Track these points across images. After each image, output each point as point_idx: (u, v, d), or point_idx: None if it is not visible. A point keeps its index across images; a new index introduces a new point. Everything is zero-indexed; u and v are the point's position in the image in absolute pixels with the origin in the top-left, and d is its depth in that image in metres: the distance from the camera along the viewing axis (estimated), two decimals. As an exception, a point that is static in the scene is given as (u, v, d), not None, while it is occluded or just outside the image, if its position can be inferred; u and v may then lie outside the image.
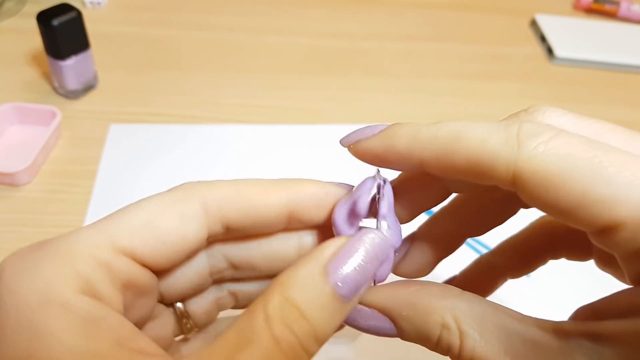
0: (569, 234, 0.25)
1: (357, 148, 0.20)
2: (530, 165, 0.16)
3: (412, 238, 0.24)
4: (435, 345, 0.19)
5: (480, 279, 0.27)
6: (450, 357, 0.18)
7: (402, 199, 0.22)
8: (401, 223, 0.22)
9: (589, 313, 0.19)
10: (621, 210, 0.15)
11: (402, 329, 0.19)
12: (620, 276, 0.24)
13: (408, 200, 0.22)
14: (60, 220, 0.49)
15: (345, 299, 0.17)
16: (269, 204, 0.20)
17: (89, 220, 0.49)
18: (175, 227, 0.19)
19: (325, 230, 0.22)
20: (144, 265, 0.18)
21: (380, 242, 0.19)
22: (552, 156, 0.16)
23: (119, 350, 0.16)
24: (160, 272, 0.20)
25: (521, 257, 0.26)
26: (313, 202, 0.21)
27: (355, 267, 0.18)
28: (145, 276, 0.19)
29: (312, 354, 0.17)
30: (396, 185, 0.22)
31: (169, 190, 0.20)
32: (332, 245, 0.18)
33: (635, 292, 0.17)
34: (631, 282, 0.18)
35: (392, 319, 0.19)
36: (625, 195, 0.15)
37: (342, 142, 0.21)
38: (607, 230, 0.16)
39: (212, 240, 0.21)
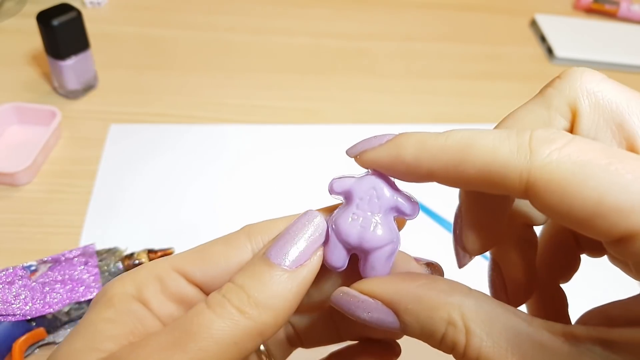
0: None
1: (364, 158, 0.20)
2: (543, 173, 0.16)
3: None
4: (439, 342, 0.18)
5: (542, 296, 0.26)
6: (455, 356, 0.18)
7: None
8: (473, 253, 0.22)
9: (599, 317, 0.19)
10: (637, 218, 0.15)
11: (405, 323, 0.19)
12: (630, 272, 0.22)
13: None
14: (60, 220, 0.49)
15: (280, 266, 0.19)
16: None
17: (88, 220, 0.49)
18: (221, 251, 0.21)
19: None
20: (195, 284, 0.21)
21: (310, 216, 0.20)
22: (567, 163, 0.16)
23: (122, 336, 0.18)
24: None
25: (557, 260, 0.25)
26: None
27: (289, 242, 0.19)
28: (195, 294, 0.21)
29: (256, 319, 0.18)
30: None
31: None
32: (273, 239, 0.20)
33: None
34: None
35: (396, 312, 0.19)
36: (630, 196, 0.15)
37: (349, 152, 0.21)
38: (624, 239, 0.15)
39: None
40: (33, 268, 0.43)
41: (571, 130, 0.20)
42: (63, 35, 0.55)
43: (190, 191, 0.53)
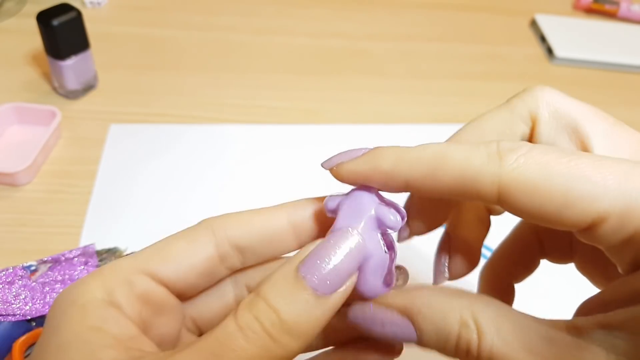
0: (550, 237, 0.26)
1: (342, 170, 0.21)
2: (513, 177, 0.18)
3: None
4: (455, 347, 0.19)
5: (494, 289, 0.28)
6: (469, 358, 0.19)
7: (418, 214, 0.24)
8: (417, 234, 0.24)
9: (594, 305, 0.20)
10: (603, 203, 0.17)
11: (421, 330, 0.19)
12: (597, 282, 0.25)
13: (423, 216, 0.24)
14: (60, 220, 0.49)
15: (317, 291, 0.18)
16: (269, 223, 0.22)
17: (88, 220, 0.49)
18: (184, 248, 0.21)
19: None
20: (162, 283, 0.21)
21: (353, 239, 0.19)
22: (533, 165, 0.18)
23: (116, 343, 0.18)
24: (183, 295, 0.22)
25: (517, 260, 0.28)
26: (313, 219, 0.22)
27: (325, 262, 0.18)
28: (164, 294, 0.21)
29: (285, 347, 0.17)
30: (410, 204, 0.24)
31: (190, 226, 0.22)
32: (306, 247, 0.19)
33: (635, 278, 0.18)
34: (624, 272, 0.18)
35: (412, 319, 0.20)
36: (603, 188, 0.17)
37: (324, 165, 0.22)
38: (593, 225, 0.17)
39: (232, 268, 0.23)
40: (33, 268, 0.43)
41: (531, 134, 0.23)
42: (63, 35, 0.55)
43: (191, 191, 0.53)
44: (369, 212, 0.20)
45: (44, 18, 0.55)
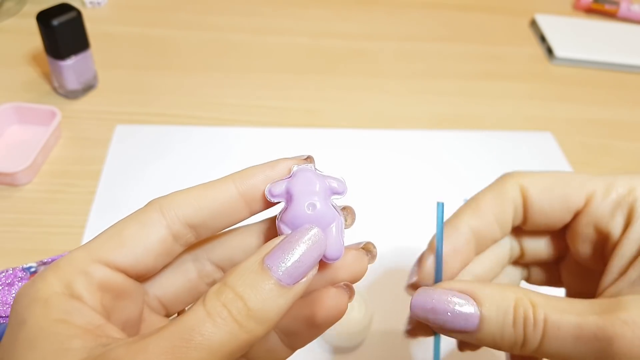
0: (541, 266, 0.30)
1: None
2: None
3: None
4: (514, 316, 0.22)
5: None
6: (527, 334, 0.22)
7: None
8: None
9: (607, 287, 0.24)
10: (590, 183, 0.24)
11: (482, 304, 0.23)
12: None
13: None
14: (60, 220, 0.49)
15: (281, 282, 0.19)
16: (219, 196, 0.22)
17: (91, 220, 0.49)
18: (136, 232, 0.21)
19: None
20: (119, 270, 0.21)
21: (315, 234, 0.20)
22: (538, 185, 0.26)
23: (82, 333, 0.19)
24: (141, 277, 0.22)
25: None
26: (263, 185, 0.23)
27: (290, 255, 0.19)
28: (122, 280, 0.21)
29: (251, 332, 0.18)
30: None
31: (138, 209, 0.23)
32: (272, 241, 0.20)
33: (633, 233, 0.23)
34: (618, 239, 0.24)
35: (474, 297, 0.23)
36: (587, 177, 0.25)
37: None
38: (587, 202, 0.24)
39: (187, 244, 0.23)
40: (33, 269, 0.43)
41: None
42: (63, 35, 0.55)
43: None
44: (317, 185, 0.22)
45: (44, 18, 0.55)
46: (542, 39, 0.80)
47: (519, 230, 0.28)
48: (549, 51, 0.78)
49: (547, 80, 0.74)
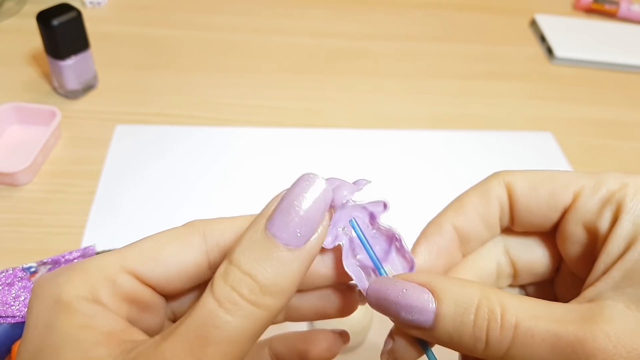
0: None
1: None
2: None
3: None
4: (475, 316, 0.19)
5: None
6: (490, 333, 0.19)
7: None
8: None
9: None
10: (578, 181, 0.22)
11: (440, 299, 0.19)
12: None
13: None
14: (60, 220, 0.49)
15: (289, 246, 0.17)
16: None
17: (91, 220, 0.49)
18: (175, 253, 0.21)
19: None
20: (148, 284, 0.21)
21: (318, 183, 0.18)
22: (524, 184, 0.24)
23: (106, 339, 0.18)
24: (168, 295, 0.22)
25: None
26: None
27: (293, 213, 0.18)
28: (149, 294, 0.21)
29: (269, 308, 0.17)
30: None
31: (178, 226, 0.22)
32: (271, 202, 0.19)
33: (621, 229, 0.21)
34: (607, 234, 0.21)
35: (432, 289, 0.20)
36: (576, 174, 0.23)
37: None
38: (575, 198, 0.22)
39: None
40: (33, 269, 0.43)
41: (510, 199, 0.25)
42: (63, 35, 0.55)
43: (195, 193, 0.53)
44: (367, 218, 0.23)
45: (44, 18, 0.55)
46: (542, 39, 0.80)
47: (509, 232, 0.26)
48: (549, 51, 0.78)
49: (547, 80, 0.74)
